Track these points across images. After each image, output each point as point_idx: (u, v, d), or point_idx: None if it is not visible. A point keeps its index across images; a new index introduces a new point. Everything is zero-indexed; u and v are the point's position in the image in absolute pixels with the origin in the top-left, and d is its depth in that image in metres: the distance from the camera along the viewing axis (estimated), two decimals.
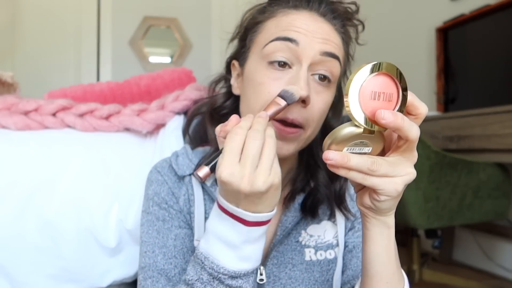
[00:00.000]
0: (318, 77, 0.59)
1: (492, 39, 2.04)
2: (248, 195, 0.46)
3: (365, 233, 0.52)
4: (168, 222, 0.65)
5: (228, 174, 0.45)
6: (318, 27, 0.59)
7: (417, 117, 0.46)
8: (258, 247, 0.52)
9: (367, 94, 0.42)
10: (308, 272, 0.66)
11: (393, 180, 0.45)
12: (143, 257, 0.64)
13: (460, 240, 2.36)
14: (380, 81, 0.42)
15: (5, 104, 0.97)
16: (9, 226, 0.82)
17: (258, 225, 0.49)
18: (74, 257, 0.85)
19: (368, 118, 0.42)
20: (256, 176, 0.46)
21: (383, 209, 0.49)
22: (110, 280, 0.88)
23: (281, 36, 0.58)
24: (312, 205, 0.67)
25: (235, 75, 0.68)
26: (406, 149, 0.45)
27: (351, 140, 0.44)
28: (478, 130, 1.65)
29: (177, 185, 0.67)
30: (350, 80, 0.42)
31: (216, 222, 0.51)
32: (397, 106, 0.43)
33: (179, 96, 0.98)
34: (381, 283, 0.53)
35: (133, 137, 0.98)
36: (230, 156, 0.46)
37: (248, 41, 0.65)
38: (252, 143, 0.46)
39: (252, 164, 0.46)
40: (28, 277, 0.83)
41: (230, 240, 0.50)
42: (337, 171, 0.45)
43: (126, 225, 0.87)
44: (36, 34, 3.07)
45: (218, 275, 0.50)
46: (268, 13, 0.63)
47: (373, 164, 0.44)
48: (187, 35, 3.35)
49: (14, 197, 0.83)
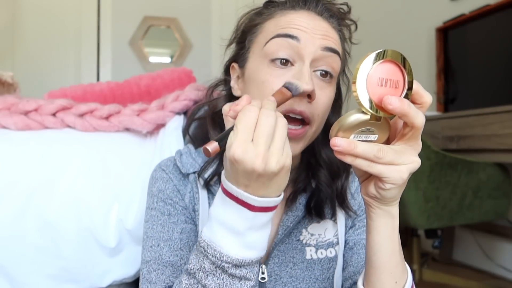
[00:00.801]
0: (320, 73, 0.60)
1: (492, 39, 2.04)
2: (261, 175, 0.44)
3: (370, 224, 0.53)
4: (174, 216, 0.66)
5: (241, 152, 0.43)
6: (317, 24, 0.60)
7: (422, 106, 0.46)
8: (263, 234, 0.50)
9: (375, 81, 0.43)
10: (309, 270, 0.67)
11: (399, 168, 0.46)
12: (148, 251, 0.64)
13: (460, 240, 2.36)
14: (387, 68, 0.43)
15: (5, 104, 0.97)
16: (9, 226, 0.82)
17: (264, 210, 0.48)
18: (74, 257, 0.85)
19: (375, 105, 0.43)
20: (269, 155, 0.44)
21: (388, 197, 0.49)
22: (110, 280, 0.88)
23: (281, 33, 0.58)
24: (317, 205, 0.67)
25: (235, 77, 0.68)
26: (411, 137, 0.46)
27: (358, 127, 0.44)
28: (478, 130, 1.65)
29: (182, 183, 0.68)
30: (357, 67, 0.42)
31: (219, 208, 0.49)
32: (403, 93, 0.44)
33: (179, 96, 0.98)
34: (385, 274, 0.53)
35: (133, 137, 0.98)
36: (244, 134, 0.44)
37: (247, 42, 0.65)
38: (266, 120, 0.45)
39: (266, 142, 0.44)
40: (28, 277, 0.83)
41: (234, 226, 0.48)
42: (343, 158, 0.45)
43: (126, 225, 0.87)
44: (36, 34, 3.07)
45: (221, 263, 0.49)
46: (266, 15, 0.64)
47: (379, 151, 0.44)
48: (187, 35, 3.35)
49: (14, 197, 0.83)
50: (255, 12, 0.67)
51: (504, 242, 2.10)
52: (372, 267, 0.54)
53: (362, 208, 0.71)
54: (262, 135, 0.44)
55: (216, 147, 0.45)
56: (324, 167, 0.68)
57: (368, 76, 0.42)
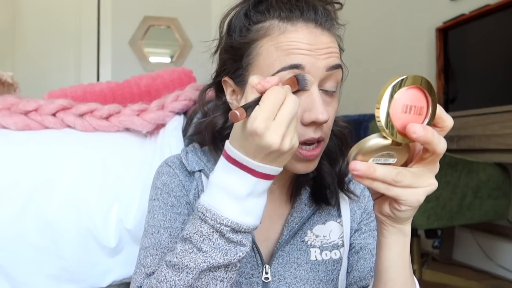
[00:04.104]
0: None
1: (492, 39, 2.04)
2: (274, 151, 0.48)
3: (381, 240, 0.53)
4: (177, 208, 0.66)
5: (264, 127, 0.46)
6: (318, 41, 0.58)
7: (443, 129, 0.47)
8: (261, 201, 0.52)
9: (399, 107, 0.43)
10: (313, 271, 0.67)
11: (416, 191, 0.46)
12: (148, 238, 0.64)
13: (460, 240, 2.36)
14: (412, 94, 0.43)
15: (5, 104, 0.97)
16: (9, 226, 0.82)
17: (265, 178, 0.50)
18: (74, 257, 0.85)
19: (398, 131, 0.43)
20: (286, 135, 0.48)
21: (403, 218, 0.50)
22: (110, 280, 0.88)
23: (286, 66, 0.57)
24: (321, 194, 0.68)
25: (229, 91, 0.66)
26: (430, 161, 0.46)
27: (377, 151, 0.45)
28: (478, 130, 1.65)
29: (188, 179, 0.68)
30: (382, 93, 0.42)
31: (221, 175, 0.51)
32: (426, 119, 0.44)
33: (179, 96, 0.98)
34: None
35: (133, 137, 0.98)
36: (269, 111, 0.47)
37: (245, 64, 0.62)
38: (292, 105, 0.48)
39: (287, 124, 0.47)
40: (28, 277, 0.83)
41: (236, 191, 0.50)
42: (361, 181, 0.45)
43: (126, 225, 0.87)
44: (36, 34, 3.07)
45: (220, 226, 0.50)
46: (259, 28, 0.60)
47: (398, 175, 0.44)
48: (187, 35, 3.35)
49: (14, 197, 0.83)
50: (244, 25, 0.62)
51: (504, 242, 2.10)
52: (381, 282, 0.55)
53: (368, 212, 0.72)
54: (286, 117, 0.47)
55: (244, 114, 0.47)
56: (324, 158, 0.68)
57: (392, 102, 0.42)
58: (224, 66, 0.66)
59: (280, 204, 0.69)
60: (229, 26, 0.65)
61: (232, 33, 0.64)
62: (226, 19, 0.66)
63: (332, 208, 0.70)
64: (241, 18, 0.63)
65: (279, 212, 0.68)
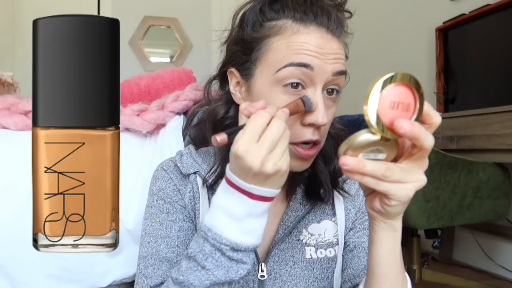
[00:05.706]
0: (327, 91, 0.61)
1: (492, 39, 2.04)
2: (257, 173, 0.49)
3: (373, 236, 0.54)
4: (172, 215, 0.67)
5: (244, 150, 0.48)
6: (328, 46, 0.59)
7: (431, 126, 0.47)
8: (260, 223, 0.54)
9: (386, 104, 0.44)
10: (308, 269, 0.68)
11: (405, 186, 0.47)
12: (145, 247, 0.66)
13: (460, 240, 2.36)
14: (399, 91, 0.44)
15: (5, 104, 0.97)
16: (9, 226, 0.82)
17: (262, 199, 0.52)
18: (74, 257, 0.85)
19: (386, 127, 0.44)
20: (268, 158, 0.49)
21: (393, 213, 0.50)
22: (110, 280, 0.88)
23: (295, 62, 0.58)
24: (315, 191, 0.69)
25: (234, 82, 0.66)
26: (419, 157, 0.47)
27: (367, 147, 0.45)
28: (478, 130, 1.65)
29: (182, 183, 0.69)
30: (369, 91, 0.43)
31: (222, 196, 0.53)
32: (414, 115, 0.45)
33: (179, 96, 0.98)
34: (386, 284, 0.55)
35: (133, 137, 0.98)
36: (250, 134, 0.49)
37: (253, 57, 0.62)
38: (276, 129, 0.50)
39: (269, 147, 0.49)
40: (28, 277, 0.83)
41: (234, 212, 0.52)
42: (352, 176, 0.46)
43: (126, 225, 0.87)
44: None
45: (221, 245, 0.52)
46: (272, 26, 0.61)
47: (387, 170, 0.45)
48: (187, 35, 3.35)
49: (14, 197, 0.84)
50: (257, 20, 0.63)
51: (504, 242, 2.10)
52: (373, 278, 0.56)
53: (362, 211, 0.72)
54: (267, 140, 0.49)
55: (225, 139, 0.49)
56: (319, 157, 0.69)
57: (380, 99, 0.43)
58: (232, 58, 0.67)
59: (275, 203, 0.69)
60: (242, 19, 0.66)
61: (245, 26, 0.65)
62: (240, 11, 0.67)
63: (327, 207, 0.71)
64: (255, 13, 0.64)
65: (275, 211, 0.69)
